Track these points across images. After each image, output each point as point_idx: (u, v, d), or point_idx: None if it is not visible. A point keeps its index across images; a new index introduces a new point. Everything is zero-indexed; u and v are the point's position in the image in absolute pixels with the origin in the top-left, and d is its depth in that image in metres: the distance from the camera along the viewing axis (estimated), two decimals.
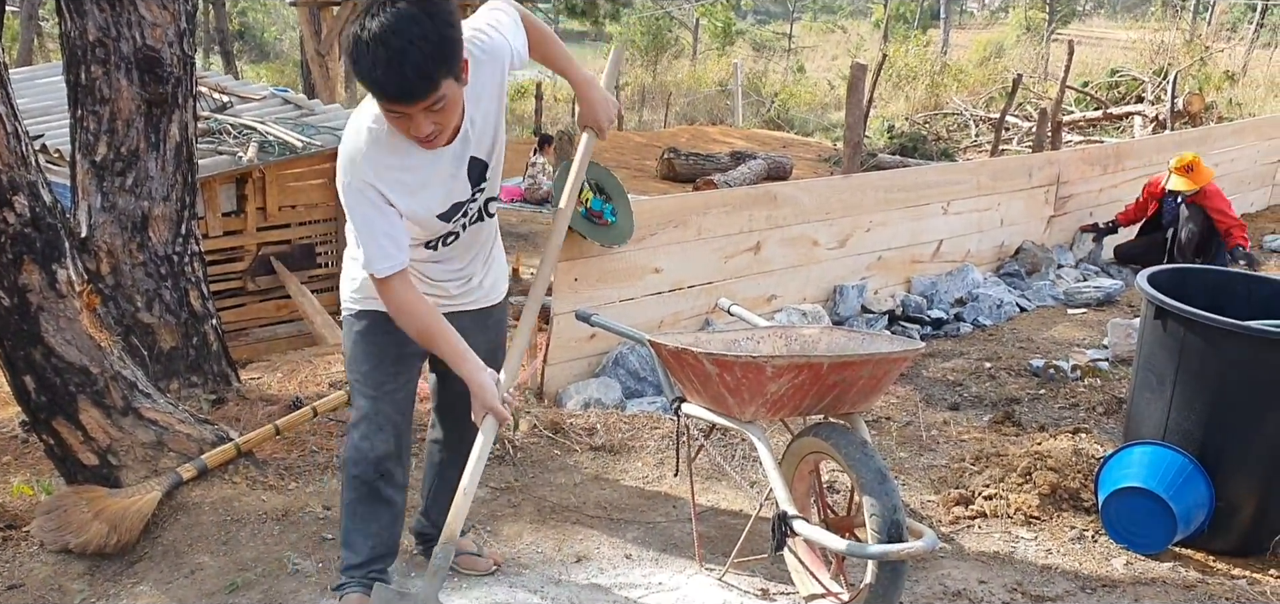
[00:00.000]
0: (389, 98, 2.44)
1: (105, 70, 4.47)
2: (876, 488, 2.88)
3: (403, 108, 2.45)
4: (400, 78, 2.39)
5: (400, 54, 2.36)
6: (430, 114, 2.48)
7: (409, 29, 2.36)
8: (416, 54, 2.37)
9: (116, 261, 4.58)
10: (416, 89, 2.42)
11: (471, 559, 3.36)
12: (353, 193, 2.61)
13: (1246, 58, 23.97)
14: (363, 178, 2.59)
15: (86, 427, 3.54)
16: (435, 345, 2.74)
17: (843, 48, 36.22)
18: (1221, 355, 3.59)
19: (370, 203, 2.61)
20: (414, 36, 2.36)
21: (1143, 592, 3.36)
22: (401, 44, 2.36)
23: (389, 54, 2.36)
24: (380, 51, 2.36)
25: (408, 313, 2.69)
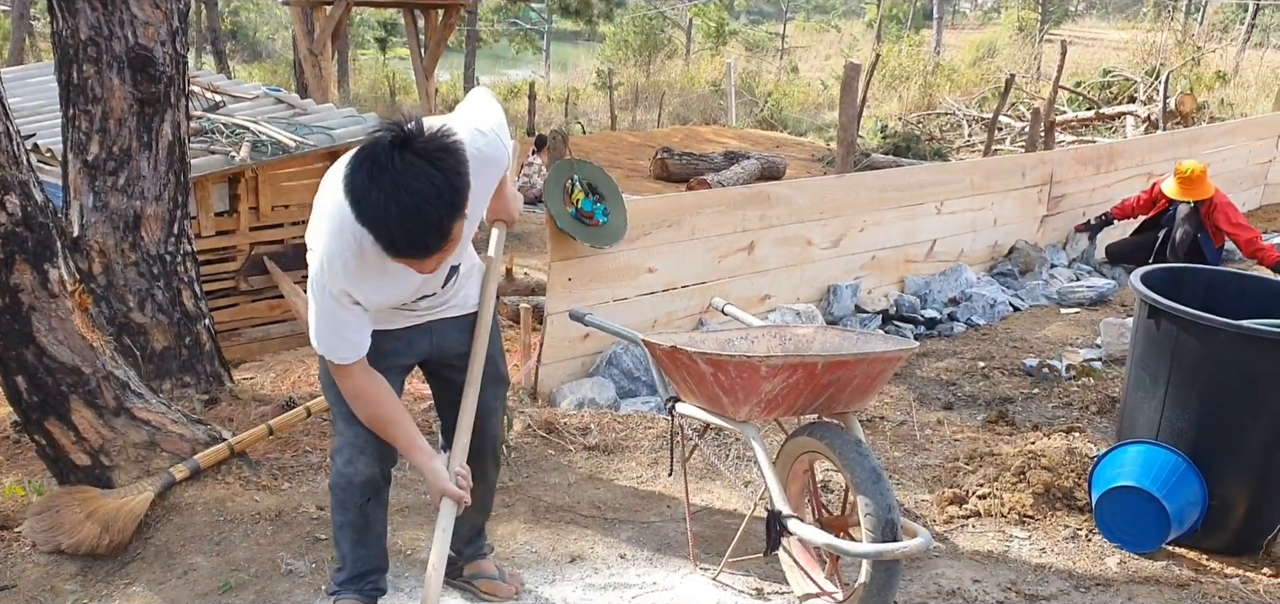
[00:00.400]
0: (395, 252, 2.33)
1: (97, 69, 4.46)
2: (871, 487, 2.88)
3: (404, 261, 2.37)
4: (413, 235, 2.28)
5: (414, 212, 2.25)
6: (436, 256, 2.39)
7: (422, 186, 2.25)
8: (431, 211, 2.26)
9: (109, 261, 4.57)
10: (432, 246, 2.33)
11: (493, 584, 3.26)
12: (323, 291, 2.52)
13: (1238, 58, 24.05)
14: (338, 285, 2.50)
15: (79, 427, 3.52)
16: (388, 433, 2.72)
17: (836, 48, 36.27)
18: (1215, 354, 3.60)
19: (340, 304, 2.54)
20: (428, 193, 2.25)
21: (1136, 590, 3.36)
22: (415, 203, 2.24)
23: (402, 212, 2.25)
24: (392, 207, 2.25)
25: (364, 399, 2.67)
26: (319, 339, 2.60)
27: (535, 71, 33.45)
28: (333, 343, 2.59)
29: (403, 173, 2.24)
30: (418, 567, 3.43)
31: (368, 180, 2.26)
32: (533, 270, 8.48)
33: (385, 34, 32.05)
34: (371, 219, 2.28)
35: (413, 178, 2.24)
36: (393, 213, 2.25)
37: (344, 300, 2.53)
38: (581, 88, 27.93)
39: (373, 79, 27.71)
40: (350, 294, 2.53)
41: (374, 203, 2.25)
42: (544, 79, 31.30)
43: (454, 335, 2.95)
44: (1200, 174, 7.99)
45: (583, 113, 23.99)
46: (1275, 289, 4.14)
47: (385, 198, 2.24)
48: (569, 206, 5.24)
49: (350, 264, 2.49)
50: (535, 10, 35.74)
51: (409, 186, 2.24)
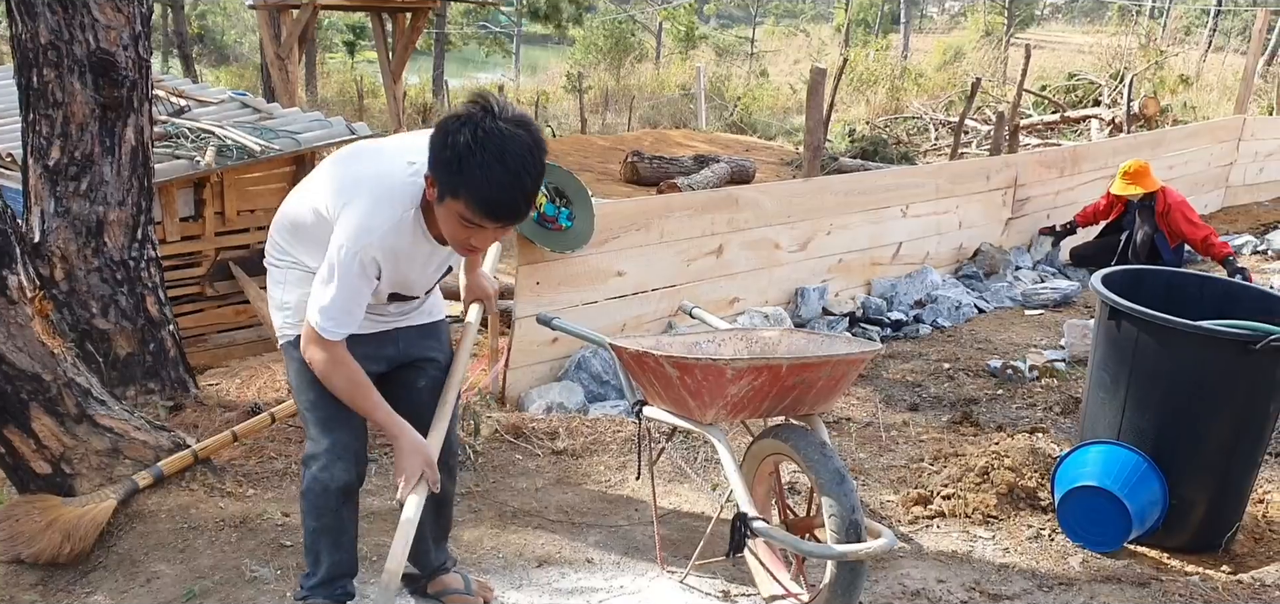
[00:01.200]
0: (493, 214, 2.44)
1: (58, 74, 4.41)
2: (835, 488, 2.90)
3: (492, 224, 2.47)
4: (512, 198, 2.42)
5: (515, 175, 2.39)
6: (500, 231, 2.53)
7: (527, 157, 2.41)
8: (529, 180, 2.42)
9: (71, 267, 4.52)
10: (520, 210, 2.47)
11: (461, 598, 3.23)
12: (354, 261, 2.54)
13: (1201, 62, 24.36)
14: (371, 253, 2.55)
15: (39, 434, 3.48)
16: (364, 403, 2.72)
17: (805, 52, 36.41)
18: (1173, 355, 3.65)
19: (365, 277, 2.58)
20: (529, 164, 2.41)
21: (1099, 589, 3.40)
22: (517, 166, 2.39)
23: (506, 173, 2.38)
24: (496, 169, 2.38)
25: (344, 368, 2.67)
26: (329, 312, 2.58)
27: (505, 75, 33.38)
28: (340, 317, 2.60)
29: (506, 137, 2.39)
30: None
31: (471, 138, 2.37)
32: (501, 273, 8.46)
33: (353, 37, 31.86)
34: (475, 178, 2.38)
35: (514, 143, 2.40)
36: (497, 174, 2.38)
37: (370, 271, 2.58)
38: (551, 91, 27.91)
39: (341, 82, 27.56)
40: (380, 264, 2.59)
41: (480, 162, 2.37)
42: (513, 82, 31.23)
43: (417, 341, 2.98)
44: (1142, 167, 8.16)
45: (553, 116, 23.97)
46: (1233, 290, 4.20)
47: (492, 160, 2.37)
48: (532, 211, 5.23)
49: (388, 236, 2.56)
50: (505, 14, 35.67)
51: (513, 151, 2.39)
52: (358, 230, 2.54)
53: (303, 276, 2.78)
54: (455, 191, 2.42)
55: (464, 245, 2.59)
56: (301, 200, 2.78)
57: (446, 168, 2.41)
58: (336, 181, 2.67)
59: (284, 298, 2.85)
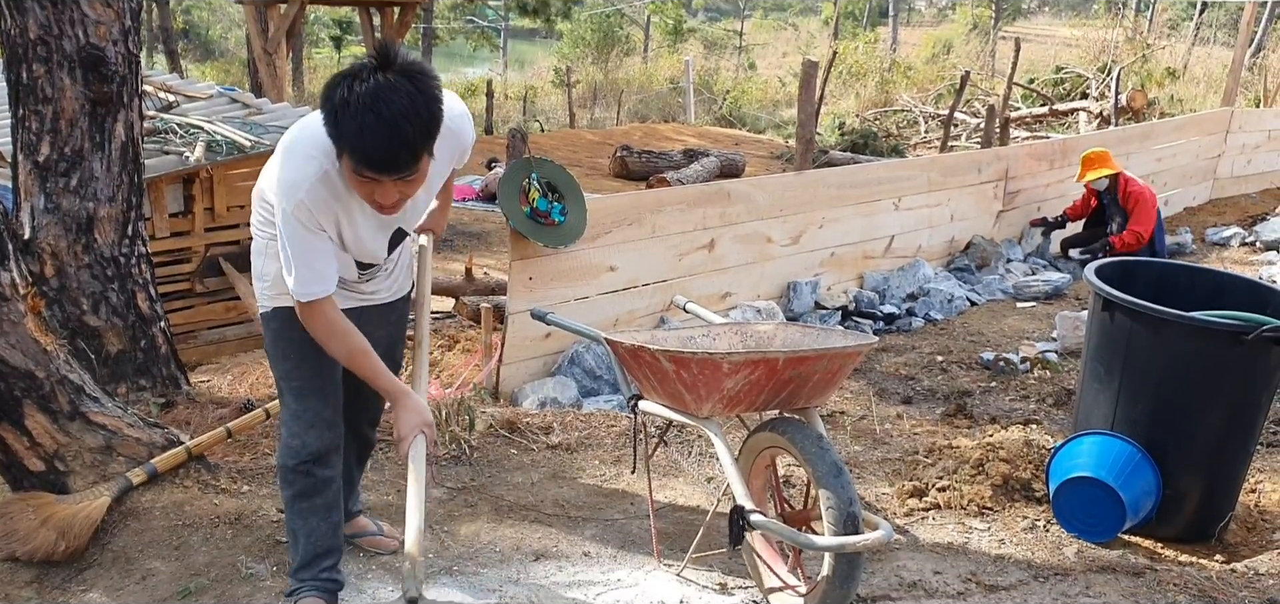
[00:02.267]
0: (372, 167, 2.43)
1: (47, 69, 4.38)
2: (832, 481, 2.91)
3: (380, 177, 2.45)
4: (388, 149, 2.39)
5: (391, 126, 2.36)
6: (400, 185, 2.50)
7: (400, 101, 2.37)
8: (408, 128, 2.38)
9: (61, 264, 4.49)
10: (401, 162, 2.43)
11: (375, 540, 3.43)
12: (290, 220, 2.57)
13: (1187, 54, 24.45)
14: (305, 207, 2.57)
15: (32, 432, 3.46)
16: (363, 363, 2.74)
17: (793, 45, 36.45)
18: (1166, 346, 3.66)
19: (308, 231, 2.60)
20: (406, 109, 2.37)
21: (1094, 579, 3.42)
22: (392, 115, 2.36)
23: (379, 123, 2.36)
24: (369, 118, 2.35)
25: (337, 333, 2.71)
26: (295, 276, 2.61)
27: (492, 69, 33.31)
28: (305, 277, 2.62)
29: (382, 86, 2.36)
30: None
31: (346, 93, 2.37)
32: (493, 270, 8.45)
33: (340, 32, 31.75)
34: (349, 130, 2.38)
35: (391, 92, 2.36)
36: (370, 124, 2.35)
37: (310, 225, 2.59)
38: (539, 85, 27.86)
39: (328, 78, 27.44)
40: (320, 221, 2.60)
41: (352, 114, 2.36)
42: (501, 77, 31.16)
43: (381, 328, 3.07)
44: (1100, 153, 8.30)
45: (541, 111, 23.94)
46: (1223, 280, 4.22)
47: (363, 109, 2.35)
48: (524, 206, 5.23)
49: (316, 188, 2.57)
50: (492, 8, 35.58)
51: (388, 99, 2.36)
52: (287, 186, 2.58)
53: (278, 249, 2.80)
54: (339, 144, 2.45)
55: (372, 202, 2.57)
56: (265, 174, 2.85)
57: (330, 122, 2.43)
58: (278, 150, 2.72)
59: (262, 268, 2.90)
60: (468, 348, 5.97)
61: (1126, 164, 9.54)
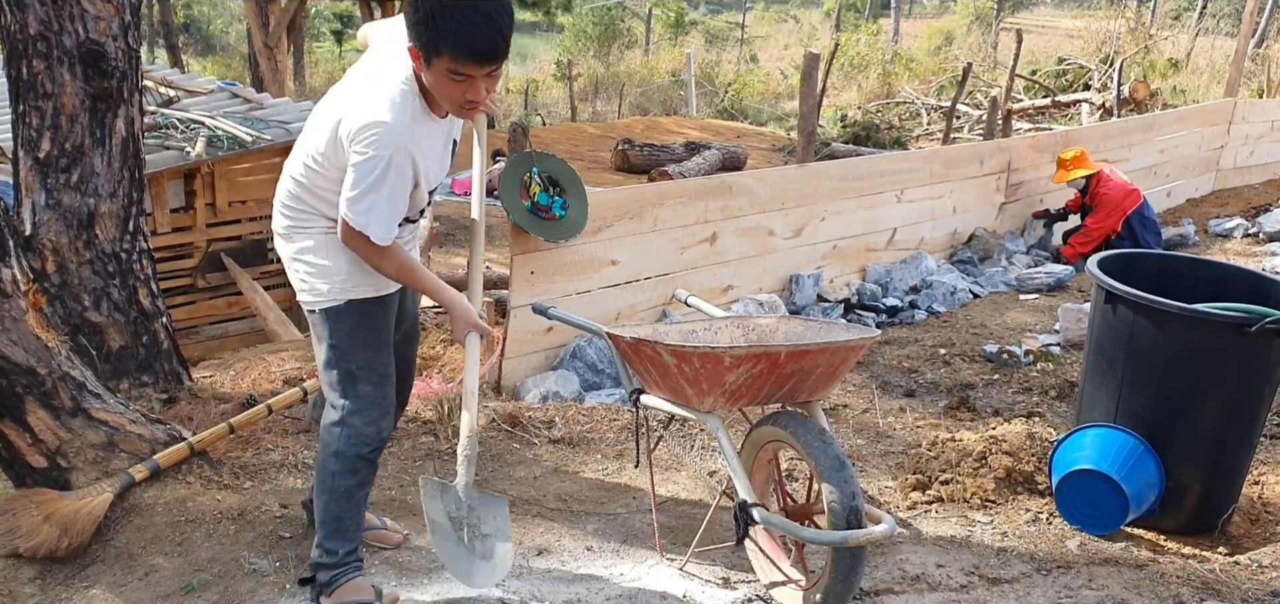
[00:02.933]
0: (478, 57, 2.57)
1: (47, 65, 4.38)
2: (835, 475, 2.90)
3: (479, 69, 2.59)
4: (490, 39, 2.56)
5: (488, 17, 2.55)
6: (490, 79, 2.65)
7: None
8: (502, 17, 2.58)
9: (62, 260, 4.49)
10: (500, 50, 2.60)
11: (379, 533, 3.44)
12: (389, 162, 2.66)
13: (1190, 46, 24.39)
14: (405, 148, 2.69)
15: (34, 428, 3.46)
16: (413, 277, 2.91)
17: (795, 38, 36.40)
18: (1169, 338, 3.65)
19: (403, 174, 2.72)
20: (500, 5, 2.58)
21: (1096, 572, 3.41)
22: (487, 7, 2.55)
23: (478, 16, 2.53)
24: (470, 13, 2.53)
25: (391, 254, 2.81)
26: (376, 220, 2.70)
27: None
28: (389, 217, 2.73)
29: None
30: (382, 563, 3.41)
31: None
32: (494, 264, 8.44)
33: (341, 26, 31.69)
34: (450, 28, 2.53)
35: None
36: (471, 18, 2.53)
37: (409, 167, 2.73)
38: (541, 79, 27.82)
39: (329, 72, 27.42)
40: (413, 157, 2.73)
41: (451, 13, 2.52)
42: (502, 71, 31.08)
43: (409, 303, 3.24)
44: (1077, 155, 8.40)
45: (542, 104, 23.92)
46: (1225, 272, 4.21)
47: (463, 6, 2.52)
48: (525, 200, 5.22)
49: (413, 127, 2.71)
50: None
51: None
52: (381, 134, 2.65)
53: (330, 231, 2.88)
54: (438, 48, 2.56)
55: (461, 103, 2.69)
56: (304, 152, 2.87)
57: (424, 28, 2.56)
58: (334, 108, 2.77)
59: (324, 262, 2.90)
60: None
61: (1128, 156, 9.55)
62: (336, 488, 2.98)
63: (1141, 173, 9.70)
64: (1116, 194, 8.23)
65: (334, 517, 3.00)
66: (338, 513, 2.99)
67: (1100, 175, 8.32)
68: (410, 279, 2.91)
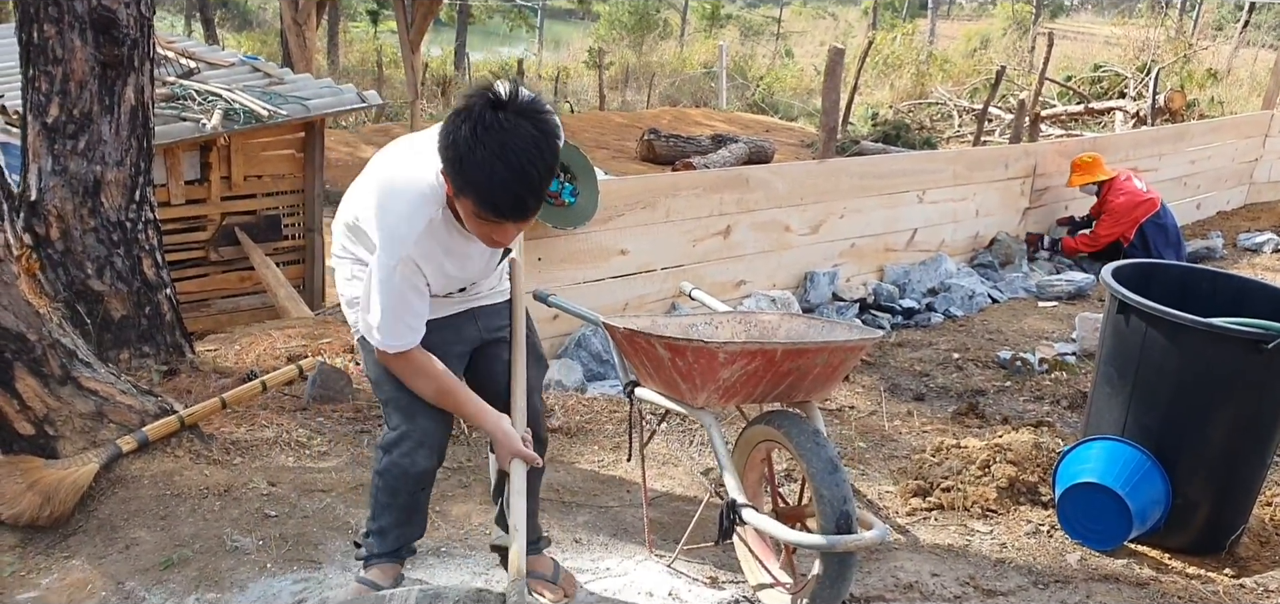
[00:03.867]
0: (499, 213, 2.37)
1: (58, 29, 4.37)
2: (826, 478, 2.83)
3: (502, 221, 2.39)
4: (516, 196, 2.34)
5: (519, 173, 2.30)
6: (521, 224, 2.46)
7: (526, 146, 2.31)
8: (533, 174, 2.33)
9: (67, 227, 4.48)
10: (529, 208, 2.39)
11: (542, 584, 3.12)
12: (393, 273, 2.49)
13: (1231, 57, 24.01)
14: (411, 260, 2.50)
15: (22, 395, 3.44)
16: (453, 403, 2.70)
17: (831, 34, 36.11)
18: (1181, 351, 3.55)
19: (410, 286, 2.53)
20: (531, 155, 2.31)
21: (1095, 588, 3.32)
22: (520, 162, 2.30)
23: (507, 171, 2.30)
24: (497, 167, 2.29)
25: (426, 375, 2.65)
26: (382, 329, 2.55)
27: (528, 49, 33.23)
28: (396, 329, 2.56)
29: (507, 131, 2.29)
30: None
31: (470, 137, 2.29)
32: None
33: (377, 6, 31.76)
34: (476, 177, 2.31)
35: (516, 137, 2.29)
36: (498, 173, 2.29)
37: (414, 279, 2.52)
38: (572, 67, 27.75)
39: (363, 52, 27.49)
40: (421, 270, 2.52)
41: (480, 162, 2.29)
42: (535, 57, 31.08)
43: (496, 318, 2.95)
44: (1092, 160, 8.30)
45: (572, 92, 23.84)
46: (1247, 287, 4.08)
47: (491, 157, 2.28)
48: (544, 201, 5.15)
49: (422, 242, 2.50)
50: None
51: (514, 146, 2.29)
52: (392, 240, 2.49)
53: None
54: (462, 190, 2.36)
55: (487, 239, 2.50)
56: (353, 199, 2.74)
57: (452, 166, 2.35)
58: (376, 185, 2.62)
59: (353, 294, 2.78)
60: None
61: (1158, 166, 9.38)
62: (379, 500, 2.93)
63: (1171, 183, 9.53)
64: (1127, 203, 8.10)
65: (376, 519, 2.95)
66: (380, 519, 2.94)
67: (1115, 183, 8.18)
68: (450, 403, 2.71)
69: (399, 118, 17.09)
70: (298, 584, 3.09)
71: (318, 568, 3.18)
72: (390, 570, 3.00)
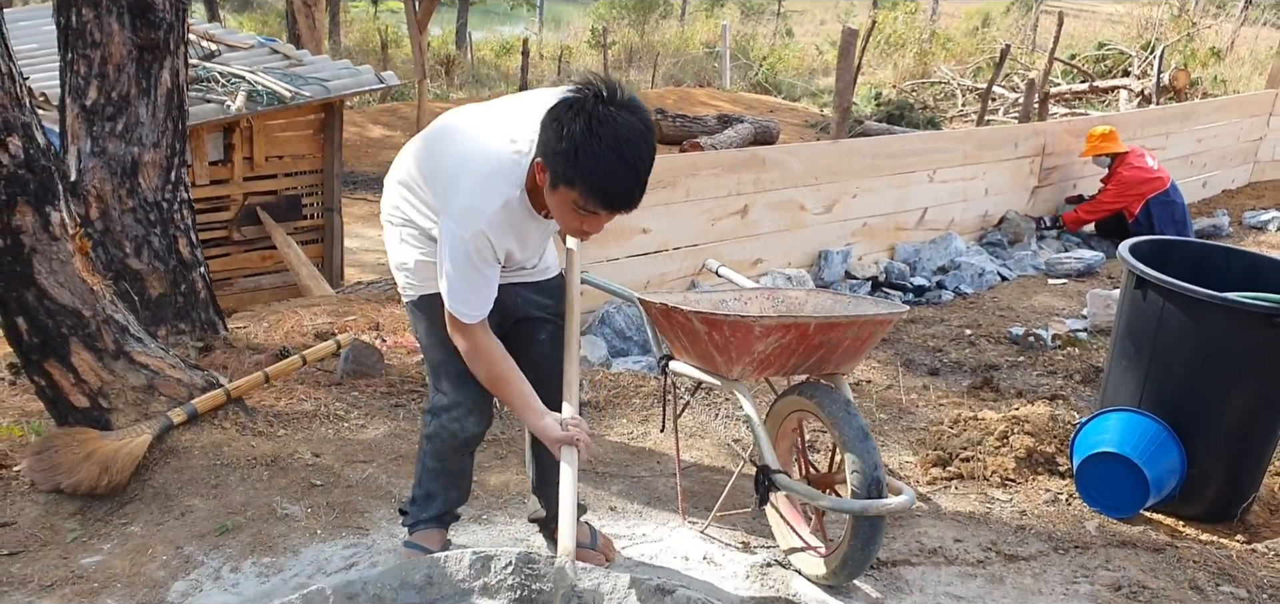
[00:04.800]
0: (608, 205, 2.44)
1: (97, 13, 4.47)
2: (858, 446, 2.95)
3: (609, 213, 2.48)
4: (628, 189, 2.42)
5: (632, 167, 2.39)
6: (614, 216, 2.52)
7: (641, 145, 2.41)
8: (644, 167, 2.42)
9: (106, 207, 4.59)
10: (635, 201, 2.46)
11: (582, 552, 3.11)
12: (467, 245, 2.56)
13: (1234, 35, 24.06)
14: (485, 236, 2.56)
15: (78, 369, 3.56)
16: (504, 390, 2.75)
17: (832, 13, 36.10)
18: (1199, 326, 3.66)
19: (481, 257, 2.59)
20: (643, 150, 2.41)
21: (1113, 554, 3.44)
22: (634, 157, 2.39)
23: (624, 166, 2.38)
24: (615, 161, 2.37)
25: (485, 357, 2.71)
26: (459, 297, 2.62)
27: (529, 28, 33.23)
28: (468, 298, 2.63)
29: (620, 125, 2.37)
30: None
31: (587, 132, 2.36)
32: None
33: None
34: (590, 168, 2.37)
35: (629, 130, 2.38)
36: (614, 166, 2.37)
37: (486, 254, 2.59)
38: (574, 46, 27.78)
39: (364, 31, 27.52)
40: (493, 246, 2.59)
41: (595, 154, 2.36)
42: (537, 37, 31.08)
43: (536, 296, 3.01)
44: (1108, 131, 8.41)
45: (575, 72, 23.87)
46: (1260, 263, 4.20)
47: (607, 149, 2.36)
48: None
49: (497, 218, 2.56)
50: None
51: (627, 139, 2.37)
52: (468, 212, 2.55)
53: (420, 237, 2.80)
54: (571, 181, 2.41)
55: (576, 230, 2.59)
56: (411, 165, 2.80)
57: (562, 157, 2.40)
58: (442, 158, 2.69)
59: (403, 259, 2.86)
60: None
61: (1165, 144, 9.47)
62: (426, 465, 3.06)
63: (1178, 162, 9.63)
64: (1135, 177, 8.21)
65: (423, 484, 3.09)
66: (427, 484, 3.08)
67: (1127, 157, 8.28)
68: (502, 391, 2.75)
69: (405, 97, 17.17)
70: (347, 549, 3.21)
71: (365, 534, 3.30)
72: (437, 536, 3.13)
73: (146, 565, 3.04)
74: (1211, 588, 3.24)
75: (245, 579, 3.02)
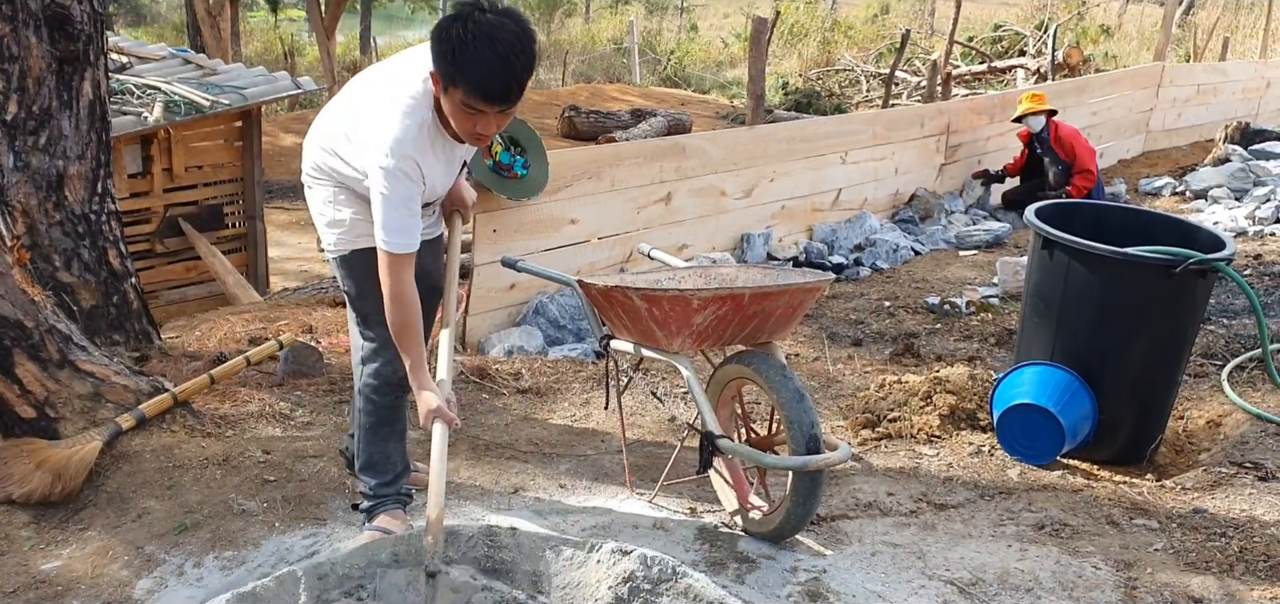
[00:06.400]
0: (488, 98, 2.67)
1: (13, 27, 4.42)
2: (794, 406, 3.12)
3: (489, 107, 2.69)
4: (504, 81, 2.66)
5: (505, 60, 2.64)
6: (499, 116, 2.75)
7: (510, 38, 2.64)
8: (519, 63, 2.67)
9: (33, 221, 4.55)
10: (514, 94, 2.70)
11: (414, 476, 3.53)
12: (399, 174, 2.77)
13: (1121, 13, 24.99)
14: (414, 159, 2.78)
15: (23, 380, 3.56)
16: (408, 342, 2.90)
17: (735, 6, 36.52)
18: (1102, 280, 3.92)
19: (413, 183, 2.80)
20: (515, 45, 2.65)
21: (1035, 497, 3.67)
22: (505, 51, 2.63)
23: (496, 58, 2.63)
24: (486, 53, 2.62)
25: (405, 302, 2.87)
26: (388, 228, 2.80)
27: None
28: (402, 228, 2.81)
29: (494, 25, 2.64)
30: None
31: (462, 32, 2.62)
32: None
33: None
34: (467, 66, 2.63)
35: (502, 30, 2.64)
36: (487, 58, 2.62)
37: (414, 176, 2.80)
38: None
39: (265, 41, 27.08)
40: (419, 166, 2.81)
41: (470, 52, 2.61)
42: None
43: (430, 260, 3.26)
44: (1037, 94, 8.89)
45: None
46: (1155, 220, 4.49)
47: (481, 45, 2.61)
48: (488, 159, 5.36)
49: (419, 138, 2.80)
50: None
51: (501, 37, 2.63)
52: (396, 142, 2.76)
53: (351, 197, 3.02)
54: (454, 80, 2.66)
55: (472, 134, 2.81)
56: (332, 121, 3.03)
57: (444, 59, 2.65)
58: (364, 103, 2.92)
59: (337, 215, 3.07)
60: None
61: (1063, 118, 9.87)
62: (364, 425, 3.22)
63: None
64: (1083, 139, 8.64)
65: (366, 453, 3.25)
66: (368, 450, 3.25)
67: (1055, 121, 8.66)
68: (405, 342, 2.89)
69: (314, 104, 17.00)
70: (307, 539, 3.28)
71: (323, 524, 3.38)
72: (400, 518, 3.23)
73: (109, 567, 3.08)
74: (1126, 522, 3.49)
75: (209, 573, 3.08)
